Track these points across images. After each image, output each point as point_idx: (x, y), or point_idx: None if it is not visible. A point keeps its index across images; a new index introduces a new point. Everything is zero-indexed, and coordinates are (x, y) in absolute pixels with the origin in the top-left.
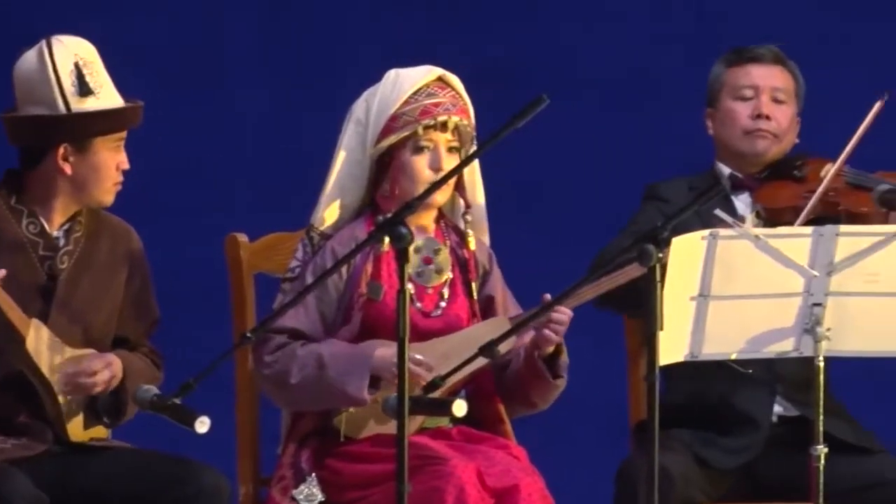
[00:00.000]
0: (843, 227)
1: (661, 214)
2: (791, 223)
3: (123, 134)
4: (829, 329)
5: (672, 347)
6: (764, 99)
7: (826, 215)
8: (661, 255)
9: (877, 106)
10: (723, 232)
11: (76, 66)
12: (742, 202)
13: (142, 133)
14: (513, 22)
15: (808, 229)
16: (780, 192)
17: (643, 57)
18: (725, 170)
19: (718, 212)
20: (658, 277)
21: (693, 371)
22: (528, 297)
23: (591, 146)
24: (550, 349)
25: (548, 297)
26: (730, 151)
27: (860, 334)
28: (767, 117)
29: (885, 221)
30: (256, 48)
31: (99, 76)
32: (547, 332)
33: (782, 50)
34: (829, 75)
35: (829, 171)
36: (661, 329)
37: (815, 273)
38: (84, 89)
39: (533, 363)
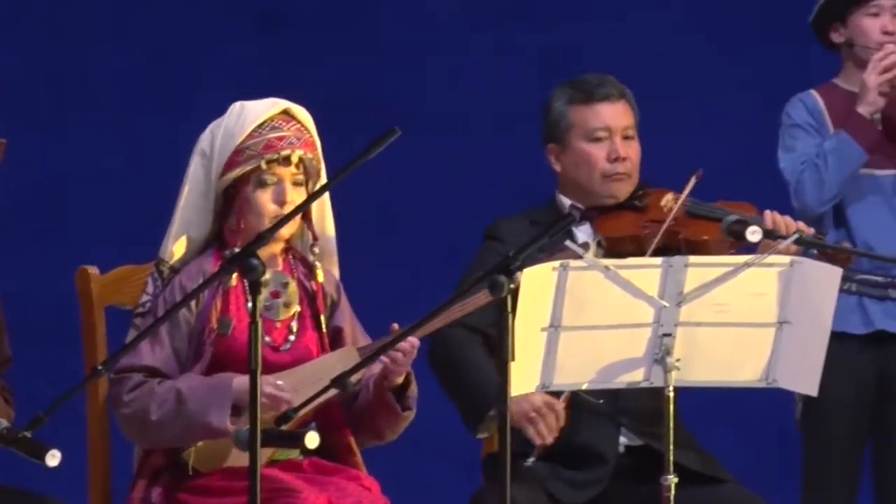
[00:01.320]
0: (693, 258)
1: (498, 255)
2: (632, 252)
3: None
4: (678, 359)
5: (523, 378)
6: (618, 140)
7: (667, 245)
8: (511, 285)
9: (691, 182)
10: (573, 263)
11: None
12: (583, 233)
13: None
14: (363, 55)
15: (658, 260)
16: (620, 221)
17: (490, 89)
18: (566, 201)
19: (569, 243)
20: (509, 308)
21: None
22: (379, 328)
23: (441, 177)
24: (400, 380)
25: (396, 327)
26: (583, 191)
27: (709, 364)
28: (624, 159)
29: (725, 250)
30: (103, 80)
31: None
32: (395, 362)
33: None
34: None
35: (670, 202)
36: (513, 359)
37: (665, 303)
38: None
39: (382, 394)
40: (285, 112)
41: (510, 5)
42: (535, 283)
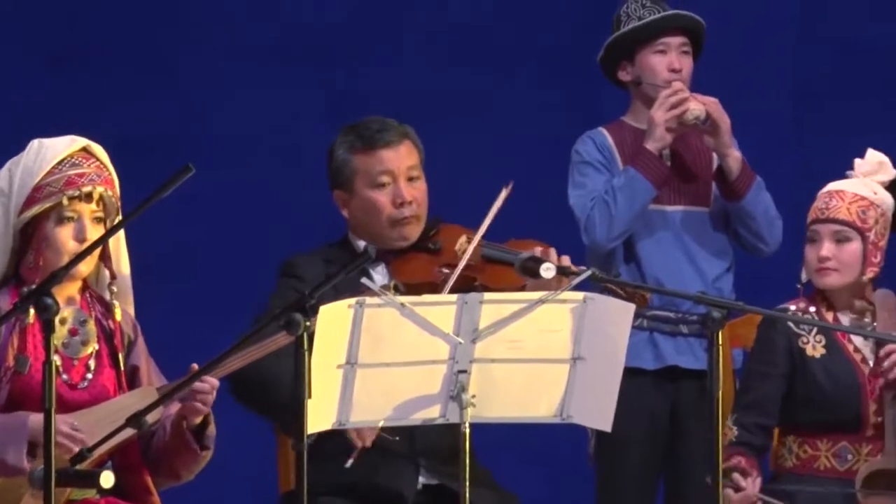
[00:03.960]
0: (488, 295)
1: (296, 292)
2: None
3: None
4: (474, 395)
5: (320, 415)
6: (402, 183)
7: (464, 290)
8: (308, 323)
9: (503, 194)
10: (369, 300)
11: None
12: (379, 274)
13: None
14: (157, 93)
15: (453, 297)
16: (415, 266)
17: (281, 127)
18: (360, 242)
19: (365, 280)
20: (306, 346)
21: (340, 445)
22: (174, 366)
23: (236, 214)
24: (198, 420)
25: (195, 366)
26: (374, 236)
27: (505, 400)
28: (410, 202)
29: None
30: None
31: None
32: (195, 402)
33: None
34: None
35: (464, 245)
36: (310, 397)
37: (461, 340)
38: None
39: (181, 434)
40: (84, 149)
41: (299, 46)
42: (332, 320)
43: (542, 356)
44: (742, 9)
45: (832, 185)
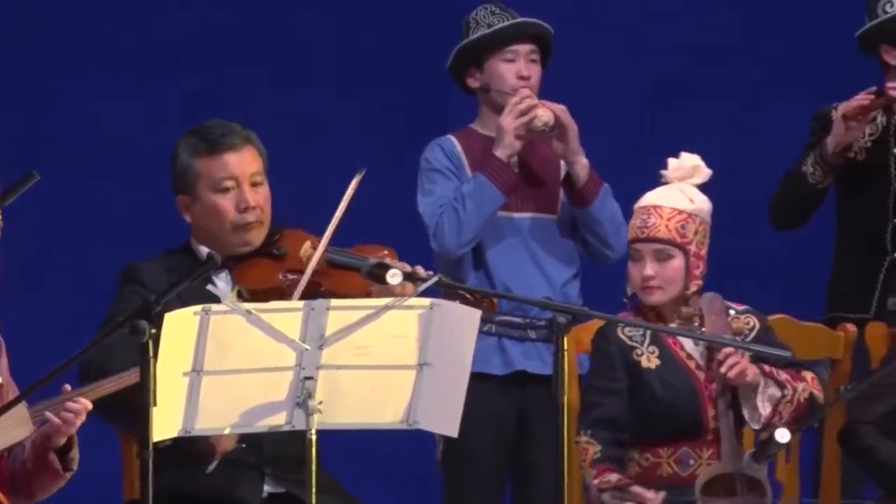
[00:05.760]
0: (335, 301)
1: (140, 298)
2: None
3: None
4: (320, 402)
5: (166, 423)
6: (246, 188)
7: (310, 296)
8: (153, 330)
9: (354, 181)
10: (215, 307)
11: None
12: (223, 281)
13: None
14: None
15: (300, 303)
16: (259, 272)
17: (131, 133)
18: (203, 248)
19: (211, 287)
20: (151, 353)
21: (185, 454)
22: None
23: (84, 222)
24: (63, 441)
25: (68, 387)
26: (217, 241)
27: (351, 407)
28: (254, 207)
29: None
30: None
31: None
32: (65, 422)
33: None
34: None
35: (309, 250)
36: (155, 405)
37: (307, 347)
38: None
39: (43, 454)
40: None
41: (151, 54)
42: (177, 327)
43: (389, 362)
44: (589, 17)
45: (649, 199)
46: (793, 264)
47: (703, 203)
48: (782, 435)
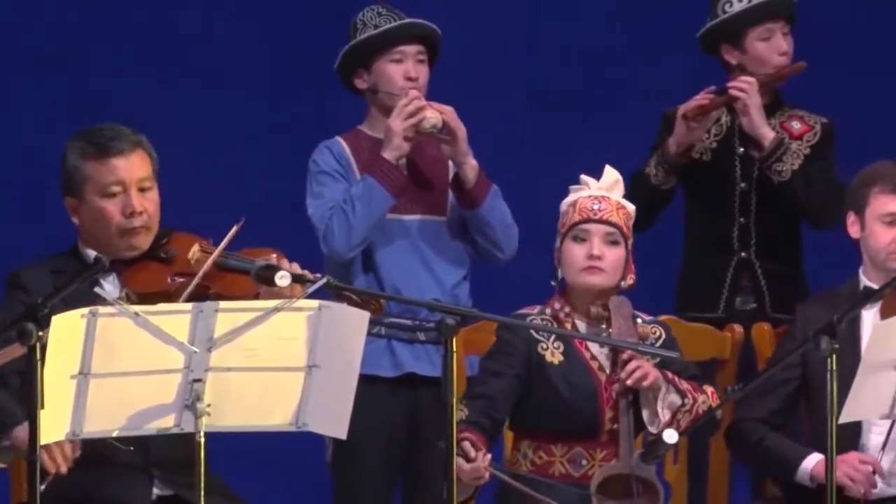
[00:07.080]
0: (223, 304)
1: (23, 305)
2: None
3: None
4: (209, 405)
5: (53, 426)
6: (133, 193)
7: (198, 299)
8: (41, 333)
9: (233, 230)
10: (102, 309)
11: None
12: (110, 283)
13: None
14: None
15: (189, 306)
16: (147, 275)
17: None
18: (91, 252)
19: (98, 289)
20: (39, 356)
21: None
22: None
23: None
24: None
25: None
26: (103, 245)
27: (240, 409)
28: (140, 213)
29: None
30: None
31: None
32: None
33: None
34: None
35: (197, 253)
36: (43, 408)
37: (195, 349)
38: None
39: None
40: None
41: (47, 53)
42: (64, 329)
43: (278, 364)
44: (476, 18)
45: (596, 189)
46: (642, 265)
47: (633, 210)
48: (670, 436)
